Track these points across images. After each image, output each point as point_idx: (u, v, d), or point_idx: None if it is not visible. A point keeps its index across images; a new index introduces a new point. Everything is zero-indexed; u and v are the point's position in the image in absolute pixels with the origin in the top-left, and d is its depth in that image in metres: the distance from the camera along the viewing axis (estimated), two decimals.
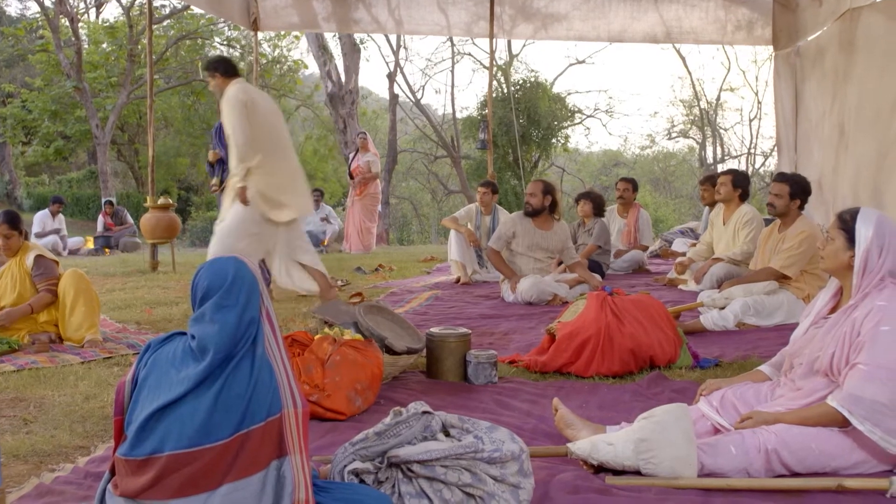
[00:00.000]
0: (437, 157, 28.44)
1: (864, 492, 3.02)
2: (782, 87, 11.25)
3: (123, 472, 2.48)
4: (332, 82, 18.24)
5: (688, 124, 32.43)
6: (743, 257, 7.24)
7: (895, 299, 3.22)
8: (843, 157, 8.51)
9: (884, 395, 3.07)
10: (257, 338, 2.51)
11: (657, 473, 3.14)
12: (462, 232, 8.97)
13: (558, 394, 4.40)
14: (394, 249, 16.32)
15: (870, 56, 8.14)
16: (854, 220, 3.34)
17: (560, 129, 26.35)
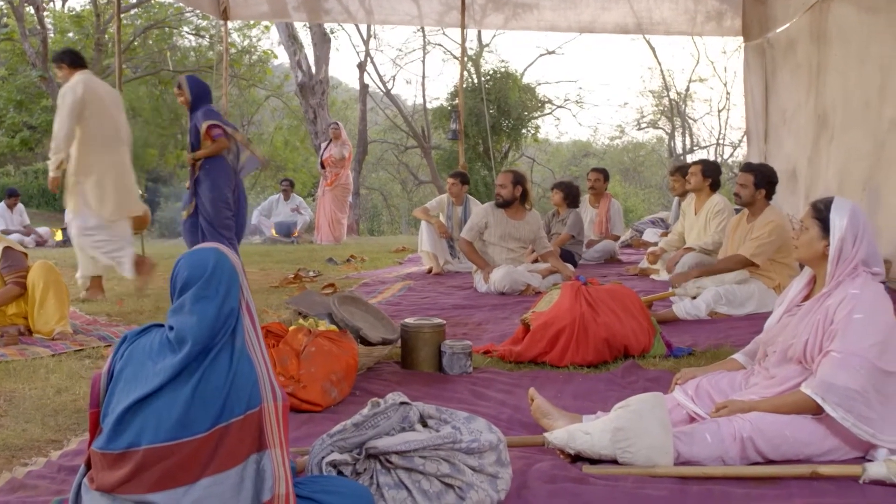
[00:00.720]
0: (407, 147, 28.37)
1: (837, 478, 3.05)
2: (752, 78, 11.33)
3: (100, 466, 2.45)
4: (303, 72, 18.13)
5: (657, 115, 32.56)
6: (714, 247, 7.29)
7: (868, 288, 3.26)
8: (828, 148, 8.56)
9: (856, 382, 3.10)
10: (236, 330, 2.49)
11: (634, 462, 3.16)
12: (433, 223, 8.96)
13: (533, 384, 4.40)
14: (364, 240, 16.31)
15: (845, 47, 8.20)
16: (828, 210, 3.36)
17: (530, 120, 26.37)
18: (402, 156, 29.32)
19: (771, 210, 6.13)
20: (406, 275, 8.78)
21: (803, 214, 3.46)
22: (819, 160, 8.66)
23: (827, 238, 3.32)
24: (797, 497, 2.93)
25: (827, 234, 3.33)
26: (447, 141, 25.58)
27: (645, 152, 36.16)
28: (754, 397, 3.39)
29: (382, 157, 30.30)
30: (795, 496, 2.94)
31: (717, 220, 7.39)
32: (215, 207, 7.05)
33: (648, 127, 33.88)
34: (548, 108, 28.47)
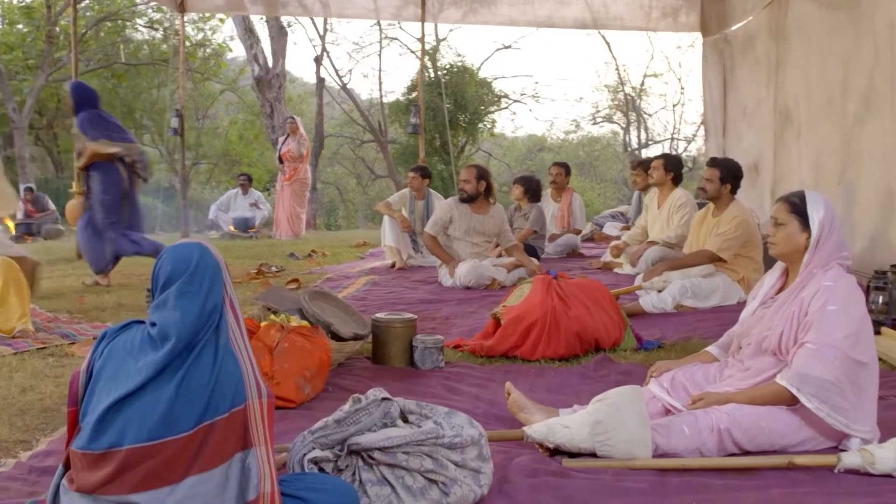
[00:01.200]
0: (363, 141, 28.25)
1: (813, 468, 3.09)
2: (710, 74, 11.45)
3: (80, 466, 2.39)
4: (259, 66, 17.97)
5: (612, 109, 32.77)
6: (677, 240, 7.37)
7: (841, 279, 3.30)
8: (796, 143, 8.66)
9: (830, 372, 3.14)
10: (220, 326, 2.44)
11: (613, 455, 3.17)
12: (395, 217, 8.93)
13: (505, 378, 4.40)
14: (323, 235, 16.22)
15: (806, 43, 8.30)
16: (804, 203, 3.40)
17: (487, 114, 26.43)
18: (359, 150, 29.19)
19: (736, 205, 6.20)
20: (370, 269, 8.74)
21: (775, 211, 3.47)
22: (787, 155, 8.76)
23: (807, 231, 3.36)
24: (774, 487, 2.96)
25: (806, 227, 3.36)
26: (404, 135, 25.55)
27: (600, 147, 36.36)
28: (730, 389, 3.43)
29: (338, 151, 30.14)
30: (772, 486, 2.97)
31: (680, 214, 7.46)
32: (101, 209, 7.38)
33: (604, 122, 34.09)
34: (504, 103, 28.59)
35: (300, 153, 13.43)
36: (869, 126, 7.10)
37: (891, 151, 6.67)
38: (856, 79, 7.27)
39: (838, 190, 7.75)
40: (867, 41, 6.96)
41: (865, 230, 7.20)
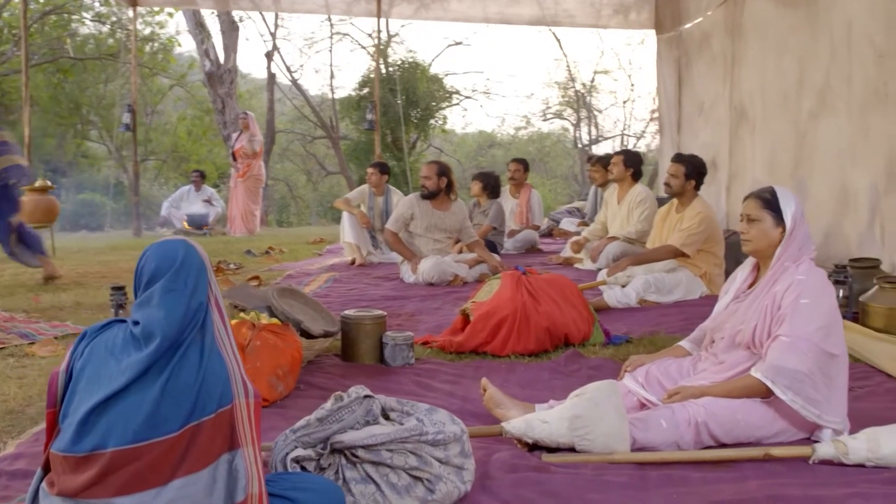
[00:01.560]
0: (314, 137, 28.07)
1: (788, 459, 3.14)
2: (665, 70, 11.56)
3: (60, 470, 2.33)
4: (210, 61, 17.76)
5: (563, 106, 32.93)
6: (637, 236, 7.44)
7: (812, 273, 3.36)
8: (751, 139, 8.78)
9: (804, 364, 3.19)
10: (205, 324, 2.40)
11: (591, 449, 3.18)
12: (355, 214, 8.89)
13: (476, 374, 4.42)
14: (277, 231, 16.10)
15: (762, 41, 8.43)
16: (776, 199, 3.45)
17: (438, 110, 26.43)
18: (309, 146, 28.99)
19: (699, 201, 6.27)
20: (329, 266, 8.69)
21: (747, 208, 3.51)
22: (742, 150, 8.89)
23: (781, 225, 3.40)
24: (752, 479, 3.00)
25: (780, 221, 3.41)
26: (355, 131, 25.45)
27: (550, 143, 36.53)
28: (704, 383, 3.47)
29: (288, 147, 29.90)
30: (750, 478, 3.01)
31: (640, 210, 7.53)
32: None
33: (554, 118, 34.26)
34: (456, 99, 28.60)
35: (253, 150, 13.31)
36: (824, 122, 7.23)
37: (845, 148, 6.80)
38: (811, 76, 7.39)
39: (792, 185, 7.87)
40: (824, 39, 7.07)
41: (819, 225, 7.32)
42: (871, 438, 3.10)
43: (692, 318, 5.59)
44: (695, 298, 6.22)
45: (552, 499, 2.84)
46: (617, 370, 4.41)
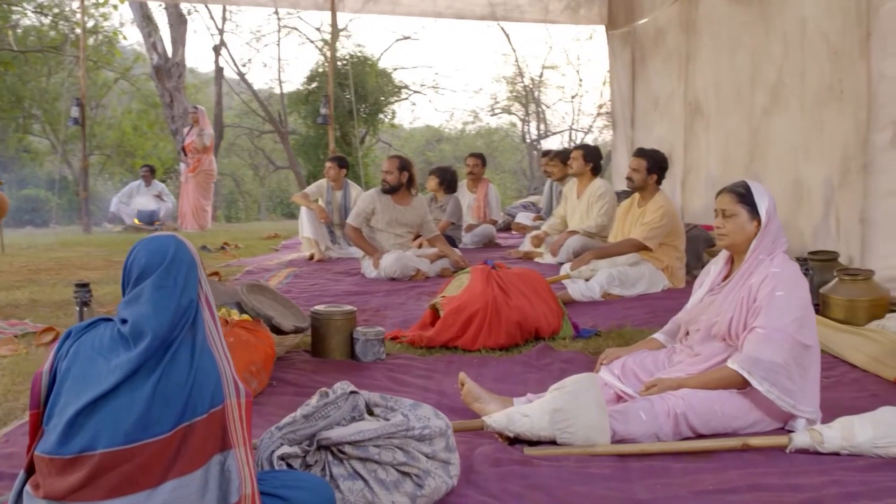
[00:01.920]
0: (262, 132, 27.85)
1: (765, 449, 3.20)
2: (618, 66, 11.67)
3: (46, 472, 2.27)
4: (158, 54, 17.49)
5: (511, 101, 33.07)
6: (597, 230, 7.51)
7: (786, 266, 3.42)
8: (706, 134, 8.90)
9: (779, 355, 3.25)
10: (196, 323, 2.36)
11: (573, 442, 3.21)
12: (313, 209, 8.84)
13: (448, 368, 4.43)
14: (228, 227, 15.95)
15: (716, 38, 8.55)
16: (750, 193, 3.51)
17: (387, 105, 26.39)
18: (257, 141, 28.75)
19: (661, 195, 6.34)
20: (288, 262, 8.63)
21: (722, 203, 3.56)
22: (697, 145, 9.00)
23: (756, 219, 3.46)
24: (731, 469, 3.05)
25: (755, 215, 3.46)
26: (304, 126, 25.29)
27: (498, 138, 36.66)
28: (680, 375, 3.51)
29: (234, 142, 29.61)
30: (730, 468, 3.06)
31: (600, 204, 7.59)
32: None
33: (502, 113, 34.38)
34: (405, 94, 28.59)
35: (203, 144, 13.15)
36: (777, 118, 7.36)
37: (798, 142, 6.93)
38: (764, 72, 7.52)
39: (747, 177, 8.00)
40: (777, 36, 7.20)
41: None
42: (845, 427, 3.17)
43: (657, 311, 5.68)
44: (657, 291, 6.29)
45: (538, 492, 2.86)
46: (588, 363, 4.46)
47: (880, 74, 5.41)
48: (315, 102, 23.62)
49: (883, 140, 5.41)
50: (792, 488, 2.88)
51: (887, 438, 3.11)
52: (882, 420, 3.18)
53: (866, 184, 5.60)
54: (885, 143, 5.39)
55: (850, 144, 5.86)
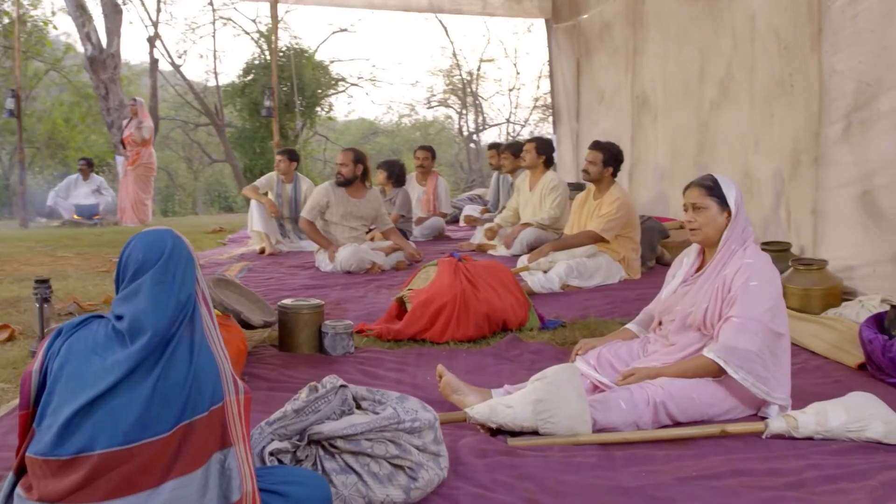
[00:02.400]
0: (198, 125, 27.46)
1: (742, 435, 3.28)
2: (563, 59, 11.76)
3: (40, 474, 2.21)
4: (92, 45, 17.07)
5: (448, 93, 33.10)
6: (550, 222, 7.59)
7: (759, 257, 3.50)
8: (653, 127, 9.02)
9: (754, 344, 3.33)
10: (194, 319, 2.32)
11: (555, 432, 3.24)
12: (263, 202, 8.76)
13: (418, 361, 4.44)
14: (167, 221, 15.67)
15: (664, 32, 8.67)
16: (718, 186, 3.58)
17: (324, 98, 26.25)
18: (192, 133, 28.34)
19: (617, 187, 6.42)
20: (239, 256, 8.52)
21: (692, 197, 3.61)
22: (645, 138, 9.12)
23: (726, 210, 3.53)
24: (712, 455, 3.12)
25: (725, 207, 3.54)
26: (239, 119, 25.01)
27: (434, 130, 36.70)
28: (656, 364, 3.58)
29: (168, 135, 29.14)
30: (710, 454, 3.13)
31: (553, 196, 7.67)
32: None
33: (439, 105, 34.40)
34: (342, 86, 28.44)
35: (142, 137, 12.91)
36: (726, 112, 7.50)
37: (747, 135, 7.07)
38: (713, 67, 7.65)
39: (694, 171, 8.13)
40: (726, 31, 7.33)
41: None
42: (818, 412, 3.27)
43: (616, 302, 5.76)
44: (614, 282, 6.38)
45: (528, 482, 2.88)
46: (556, 354, 4.52)
47: (831, 69, 5.54)
48: (251, 95, 23.41)
49: (834, 133, 5.54)
50: (772, 473, 2.96)
51: (859, 422, 3.21)
52: (853, 405, 3.28)
53: (818, 176, 5.73)
54: (837, 136, 5.52)
55: (801, 138, 6.00)
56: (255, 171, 24.17)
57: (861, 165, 5.34)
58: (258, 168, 24.16)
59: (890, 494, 2.77)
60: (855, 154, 5.38)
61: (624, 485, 2.88)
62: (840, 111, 5.48)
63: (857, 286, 5.36)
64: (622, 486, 2.88)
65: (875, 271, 5.27)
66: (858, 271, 5.38)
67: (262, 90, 18.28)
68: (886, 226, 5.19)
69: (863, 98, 5.28)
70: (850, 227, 5.49)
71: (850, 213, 5.46)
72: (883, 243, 5.22)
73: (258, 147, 24.41)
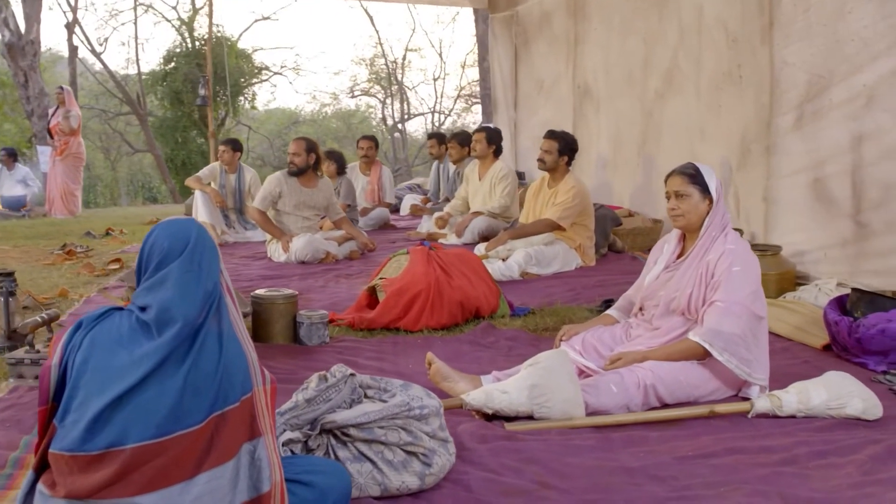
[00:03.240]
0: (119, 114, 26.85)
1: (729, 415, 3.40)
2: (499, 49, 11.84)
3: (66, 470, 2.16)
4: (10, 31, 16.52)
5: (371, 82, 32.99)
6: (501, 210, 7.66)
7: (739, 243, 3.63)
8: (596, 116, 9.16)
9: (738, 327, 3.45)
10: (220, 309, 2.31)
11: (550, 416, 3.31)
12: (207, 192, 8.65)
13: (395, 349, 4.47)
14: (95, 212, 15.30)
15: (606, 22, 8.81)
16: (699, 173, 3.69)
17: (247, 87, 25.96)
18: (112, 123, 27.69)
19: (571, 176, 6.52)
20: None
21: (674, 185, 3.71)
22: (587, 127, 9.25)
23: (707, 197, 3.64)
24: (703, 435, 3.23)
25: (706, 194, 3.64)
26: (160, 108, 24.57)
27: (357, 120, 36.54)
28: (641, 348, 3.67)
29: (85, 125, 28.42)
30: (701, 434, 3.24)
31: (503, 185, 7.74)
32: None
33: (362, 94, 34.27)
34: (265, 75, 28.15)
35: (70, 126, 12.57)
36: (671, 101, 7.67)
37: (694, 125, 7.25)
38: (658, 57, 7.81)
39: (639, 160, 8.32)
40: (671, 23, 7.49)
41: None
42: (801, 391, 3.40)
43: (577, 289, 5.86)
44: (571, 270, 6.48)
45: (535, 465, 2.94)
46: (530, 340, 4.60)
47: (783, 61, 5.72)
48: (173, 84, 23.02)
49: (786, 123, 5.72)
50: (765, 450, 3.07)
51: (839, 400, 3.35)
52: (832, 384, 3.42)
53: (769, 164, 5.92)
54: (789, 126, 5.70)
55: (751, 127, 6.18)
56: (178, 161, 23.79)
57: (812, 154, 5.54)
58: (180, 158, 23.78)
59: (877, 467, 2.90)
60: (806, 143, 5.57)
61: (626, 465, 2.96)
62: (792, 102, 5.66)
63: (809, 270, 5.56)
64: (624, 466, 2.96)
65: (826, 256, 5.48)
66: (810, 256, 5.59)
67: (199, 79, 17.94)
68: (836, 212, 5.39)
69: (814, 89, 5.47)
70: (801, 214, 5.69)
71: (802, 201, 5.66)
72: (833, 229, 5.43)
73: (180, 136, 24.02)
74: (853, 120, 5.21)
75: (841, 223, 5.36)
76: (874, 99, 5.06)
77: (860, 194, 5.22)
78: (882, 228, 5.09)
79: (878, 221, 5.11)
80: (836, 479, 2.82)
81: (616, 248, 7.18)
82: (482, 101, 16.15)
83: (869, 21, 5.03)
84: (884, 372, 3.92)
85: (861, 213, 5.22)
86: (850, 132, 5.25)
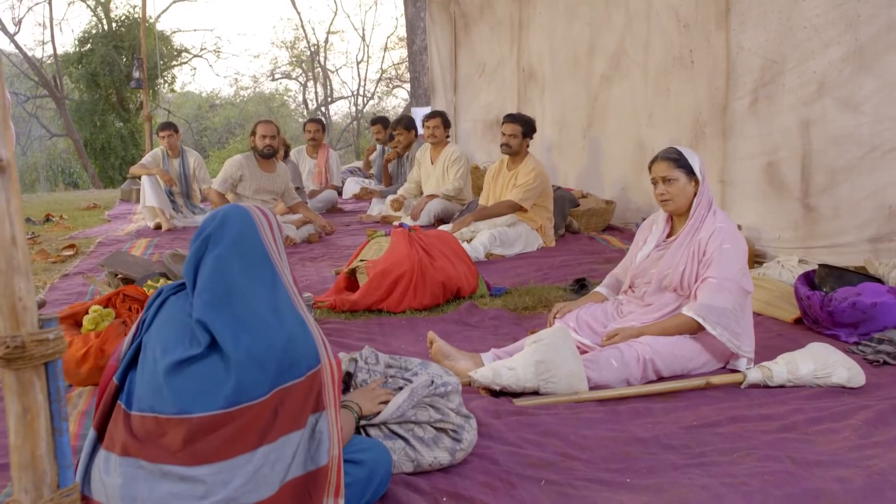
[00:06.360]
0: (34, 97, 26.09)
1: (723, 386, 3.57)
2: (438, 32, 11.90)
3: (135, 431, 2.20)
4: None
5: (292, 66, 32.73)
6: (455, 193, 7.76)
7: (728, 221, 3.80)
8: (541, 99, 9.29)
9: (729, 302, 3.62)
10: (276, 285, 2.37)
11: (556, 391, 3.43)
12: (155, 173, 8.55)
13: (382, 330, 4.53)
14: (24, 198, 14.88)
15: (551, 8, 8.95)
16: (683, 157, 3.84)
17: (167, 69, 25.51)
18: (26, 106, 26.89)
19: (531, 158, 6.66)
20: (136, 232, 8.27)
21: (660, 170, 3.83)
22: (532, 110, 9.36)
23: (693, 179, 3.80)
24: (702, 405, 3.39)
25: (692, 176, 3.80)
26: (76, 91, 23.96)
27: (276, 104, 36.19)
28: (635, 324, 3.82)
29: None
30: (701, 405, 3.39)
31: (456, 168, 7.84)
32: None
33: (283, 78, 33.98)
34: (184, 58, 27.70)
35: None
36: (618, 85, 7.85)
37: (640, 108, 7.44)
38: (604, 42, 7.98)
39: (584, 143, 8.50)
40: (618, 8, 7.66)
41: (614, 178, 7.98)
42: (789, 362, 3.58)
43: (543, 269, 6.00)
44: (533, 250, 6.61)
45: (554, 438, 3.05)
46: (512, 319, 4.71)
47: (738, 46, 5.92)
48: (89, 66, 22.44)
49: (742, 107, 5.93)
50: (764, 418, 3.24)
51: (826, 370, 3.54)
52: (818, 354, 3.61)
53: (725, 147, 6.13)
54: (744, 110, 5.91)
55: (704, 111, 6.38)
56: (97, 146, 23.27)
57: (766, 138, 5.76)
58: (99, 142, 23.24)
59: (872, 431, 3.09)
60: (761, 127, 5.79)
61: (638, 436, 3.09)
62: (747, 86, 5.87)
63: (766, 250, 5.79)
64: (637, 437, 3.08)
65: (780, 237, 5.71)
66: (765, 235, 5.82)
67: (116, 61, 17.55)
68: (788, 195, 5.62)
69: (768, 74, 5.68)
70: (756, 196, 5.91)
71: (757, 183, 5.88)
72: (785, 211, 5.66)
73: (98, 120, 23.47)
74: (804, 105, 5.41)
75: (791, 206, 5.59)
76: (824, 86, 5.27)
77: (808, 178, 5.45)
78: (829, 213, 5.32)
79: (825, 206, 5.34)
80: (838, 443, 2.99)
81: (573, 229, 7.34)
82: (411, 84, 16.14)
83: (822, 9, 5.23)
84: (856, 343, 4.14)
85: (809, 196, 5.45)
86: (800, 117, 5.46)
